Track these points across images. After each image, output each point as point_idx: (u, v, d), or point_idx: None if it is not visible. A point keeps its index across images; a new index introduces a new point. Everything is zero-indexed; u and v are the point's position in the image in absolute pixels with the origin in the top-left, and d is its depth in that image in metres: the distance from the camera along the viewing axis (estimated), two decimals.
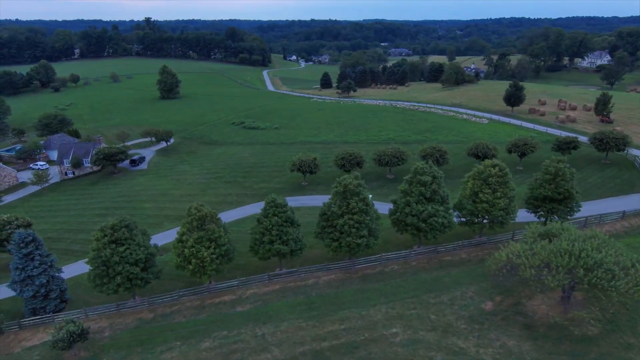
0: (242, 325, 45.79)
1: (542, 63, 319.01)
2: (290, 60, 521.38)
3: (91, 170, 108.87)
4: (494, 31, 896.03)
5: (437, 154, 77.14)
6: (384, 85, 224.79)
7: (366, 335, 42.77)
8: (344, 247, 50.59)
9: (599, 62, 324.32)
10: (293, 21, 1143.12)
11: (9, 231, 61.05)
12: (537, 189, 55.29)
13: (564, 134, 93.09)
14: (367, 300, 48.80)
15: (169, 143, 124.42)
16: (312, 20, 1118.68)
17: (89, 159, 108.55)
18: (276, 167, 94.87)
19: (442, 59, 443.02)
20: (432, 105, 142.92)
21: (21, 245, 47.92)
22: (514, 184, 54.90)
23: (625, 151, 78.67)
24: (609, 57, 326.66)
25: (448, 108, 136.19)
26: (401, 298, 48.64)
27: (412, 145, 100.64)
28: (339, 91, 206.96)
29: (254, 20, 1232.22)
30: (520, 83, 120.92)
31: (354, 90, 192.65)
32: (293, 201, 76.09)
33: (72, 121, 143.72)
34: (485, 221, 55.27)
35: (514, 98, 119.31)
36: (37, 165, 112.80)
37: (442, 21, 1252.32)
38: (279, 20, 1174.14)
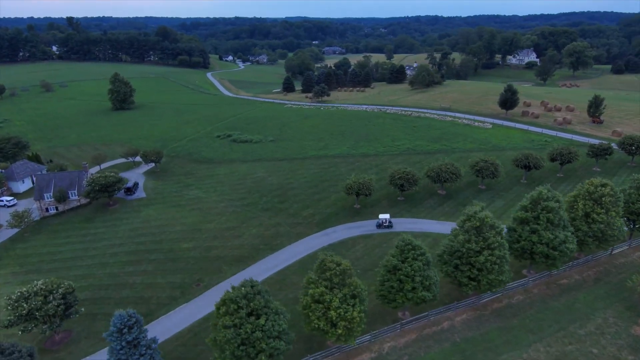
0: None
1: (479, 61, 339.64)
2: (227, 61, 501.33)
3: (79, 204, 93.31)
4: (416, 29, 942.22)
5: (491, 167, 76.44)
6: (350, 88, 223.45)
7: None
8: (485, 286, 47.19)
9: (526, 60, 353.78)
10: (216, 19, 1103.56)
11: (57, 303, 48.74)
12: (635, 204, 56.32)
13: (576, 137, 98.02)
14: (517, 339, 46.00)
15: (158, 164, 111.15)
16: (237, 18, 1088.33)
17: (75, 191, 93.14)
18: (309, 187, 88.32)
19: (380, 57, 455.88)
20: (423, 110, 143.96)
21: (123, 331, 37.86)
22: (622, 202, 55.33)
23: None
24: (534, 55, 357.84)
25: (442, 113, 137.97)
26: (549, 333, 46.57)
27: (436, 155, 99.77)
28: (309, 96, 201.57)
29: (174, 18, 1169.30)
30: (514, 87, 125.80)
31: (327, 95, 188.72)
32: (357, 228, 71.01)
33: (29, 143, 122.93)
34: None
35: (509, 102, 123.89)
36: (1, 201, 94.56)
37: (364, 19, 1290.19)
38: (201, 18, 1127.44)
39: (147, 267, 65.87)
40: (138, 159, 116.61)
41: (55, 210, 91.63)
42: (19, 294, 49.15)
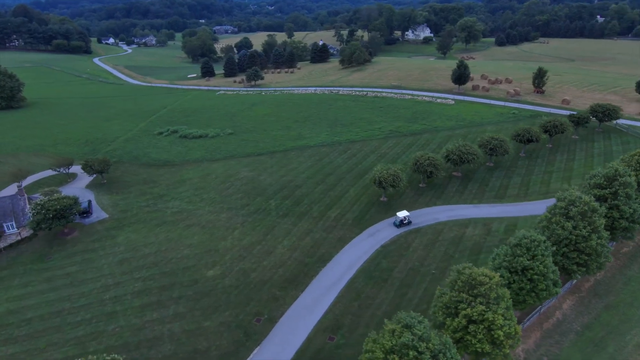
0: None
1: (382, 37, 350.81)
2: (107, 44, 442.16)
3: (19, 238, 72.09)
4: (302, 6, 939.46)
5: (503, 145, 77.06)
6: (277, 70, 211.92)
7: None
8: (594, 270, 46.49)
9: (422, 35, 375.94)
10: None
11: None
12: None
13: (537, 108, 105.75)
14: (628, 316, 46.58)
15: (105, 174, 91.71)
16: None
17: (12, 223, 72.04)
18: (316, 184, 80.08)
19: (281, 36, 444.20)
20: (377, 89, 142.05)
21: None
22: None
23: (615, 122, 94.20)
24: (429, 30, 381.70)
25: (397, 91, 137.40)
26: None
27: (424, 136, 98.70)
28: (238, 80, 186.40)
29: None
30: (465, 62, 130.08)
31: (262, 78, 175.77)
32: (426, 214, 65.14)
33: None
34: None
35: (463, 77, 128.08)
36: None
37: None
38: None
39: (176, 308, 52.84)
40: (73, 170, 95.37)
41: None
42: None
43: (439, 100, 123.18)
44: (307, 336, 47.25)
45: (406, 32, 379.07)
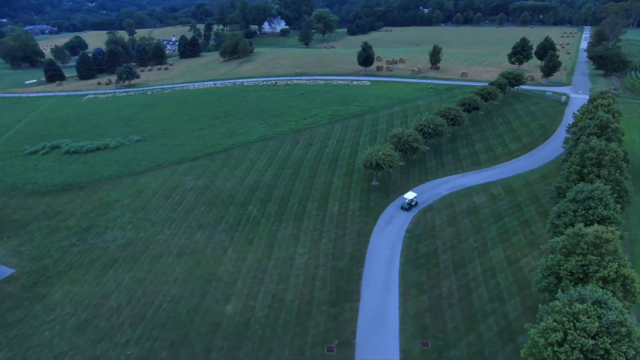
0: None
1: (242, 30, 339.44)
2: None
3: None
4: (130, 2, 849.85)
5: (457, 113, 78.96)
6: (148, 68, 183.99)
7: None
8: None
9: (279, 28, 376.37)
10: None
11: None
12: None
13: (445, 82, 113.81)
14: None
15: None
16: None
17: None
18: (293, 180, 70.06)
19: (122, 35, 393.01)
20: (286, 78, 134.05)
21: None
22: None
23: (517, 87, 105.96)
24: (283, 23, 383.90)
25: (307, 78, 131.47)
26: None
27: (368, 116, 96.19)
28: (105, 82, 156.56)
29: None
30: (369, 44, 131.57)
31: (137, 77, 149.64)
32: (426, 191, 61.03)
33: None
34: None
35: (369, 59, 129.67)
36: None
37: None
38: None
39: None
40: None
41: None
42: None
43: (355, 83, 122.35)
44: (399, 349, 39.64)
45: (262, 25, 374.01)
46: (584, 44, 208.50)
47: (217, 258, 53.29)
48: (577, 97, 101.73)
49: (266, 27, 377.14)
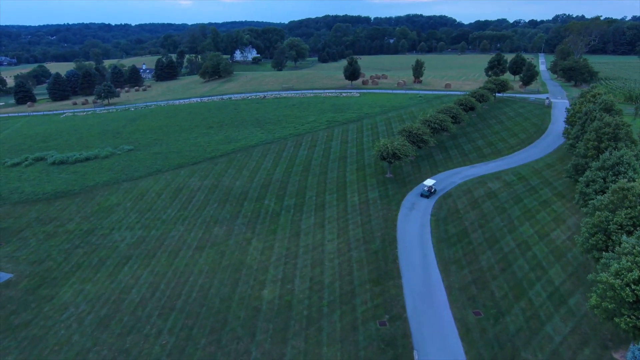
0: None
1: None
2: None
3: None
4: (93, 35, 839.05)
5: (457, 111, 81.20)
6: (126, 89, 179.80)
7: None
8: None
9: (250, 56, 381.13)
10: None
11: None
12: None
13: (431, 92, 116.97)
14: None
15: None
16: None
17: None
18: (306, 175, 68.78)
19: (89, 65, 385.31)
20: (274, 92, 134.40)
21: None
22: None
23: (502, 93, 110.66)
24: (254, 51, 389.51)
25: (296, 92, 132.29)
26: None
27: (365, 121, 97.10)
28: (82, 101, 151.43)
29: None
30: (355, 58, 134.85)
31: (117, 96, 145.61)
32: (441, 181, 60.90)
33: None
34: None
35: (356, 72, 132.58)
36: None
37: (10, 26, 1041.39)
38: None
39: (271, 348, 36.16)
40: None
41: None
42: None
43: (344, 94, 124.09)
44: (452, 317, 38.39)
45: (234, 54, 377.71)
46: (542, 67, 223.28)
47: (242, 249, 50.69)
48: (558, 102, 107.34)
49: (238, 55, 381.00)
